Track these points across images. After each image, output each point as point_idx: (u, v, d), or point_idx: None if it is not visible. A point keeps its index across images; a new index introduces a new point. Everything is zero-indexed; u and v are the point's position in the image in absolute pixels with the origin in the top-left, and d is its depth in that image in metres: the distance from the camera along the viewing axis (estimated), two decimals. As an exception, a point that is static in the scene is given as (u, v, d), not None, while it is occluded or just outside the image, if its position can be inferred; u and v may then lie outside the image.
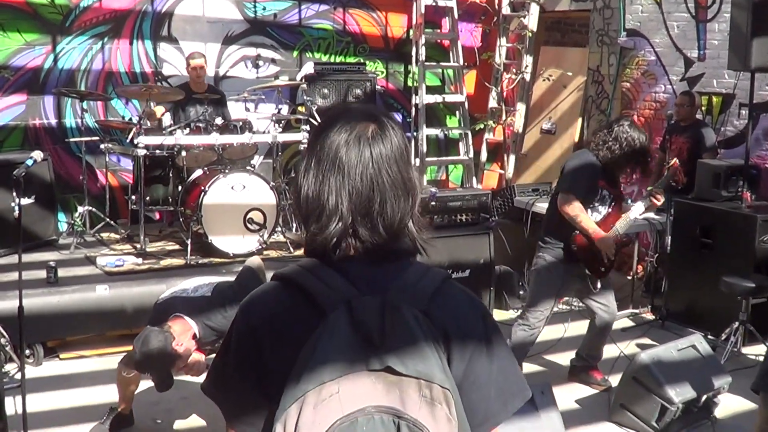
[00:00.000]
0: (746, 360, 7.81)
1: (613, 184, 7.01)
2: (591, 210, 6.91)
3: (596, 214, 6.92)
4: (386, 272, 2.06)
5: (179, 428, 6.53)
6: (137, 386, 6.34)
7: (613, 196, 6.98)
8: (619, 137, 6.74)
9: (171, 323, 5.42)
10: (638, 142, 6.72)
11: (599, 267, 7.01)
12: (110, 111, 10.61)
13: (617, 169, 6.92)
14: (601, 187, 6.90)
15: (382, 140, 2.07)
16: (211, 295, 5.72)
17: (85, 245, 9.21)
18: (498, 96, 12.81)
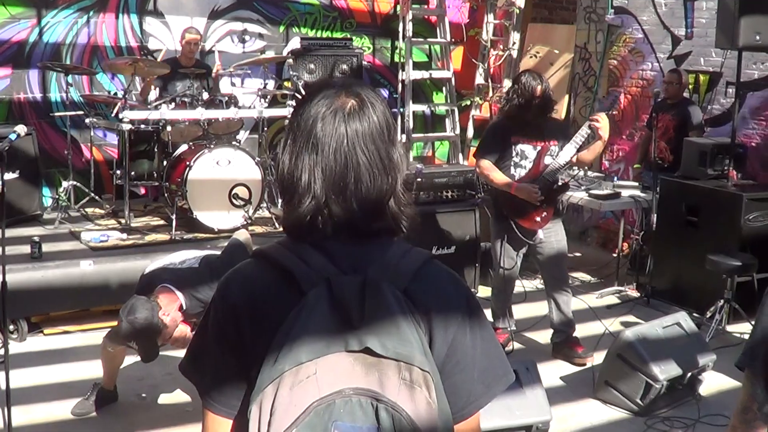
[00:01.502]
0: (731, 338, 7.83)
1: (535, 136, 6.99)
2: (514, 167, 6.98)
3: (521, 170, 6.99)
4: (367, 251, 2.03)
5: (164, 403, 6.52)
6: (122, 362, 6.34)
7: (539, 149, 7.00)
8: (518, 89, 6.87)
9: (158, 294, 5.41)
10: (537, 88, 6.77)
11: (534, 216, 7.04)
12: (95, 85, 10.55)
13: (528, 119, 6.91)
14: (516, 142, 6.96)
15: (359, 117, 2.02)
16: (198, 267, 5.71)
17: (69, 220, 9.16)
18: (485, 72, 12.76)
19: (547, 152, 6.99)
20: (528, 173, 6.97)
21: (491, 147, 7.09)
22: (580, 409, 6.59)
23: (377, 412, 1.84)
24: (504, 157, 7.00)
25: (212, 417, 2.06)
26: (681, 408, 6.54)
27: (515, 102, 6.91)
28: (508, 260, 7.27)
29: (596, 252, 11.03)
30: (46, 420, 6.15)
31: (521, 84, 6.92)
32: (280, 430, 1.82)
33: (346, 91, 2.06)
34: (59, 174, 10.04)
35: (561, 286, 7.26)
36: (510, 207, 7.01)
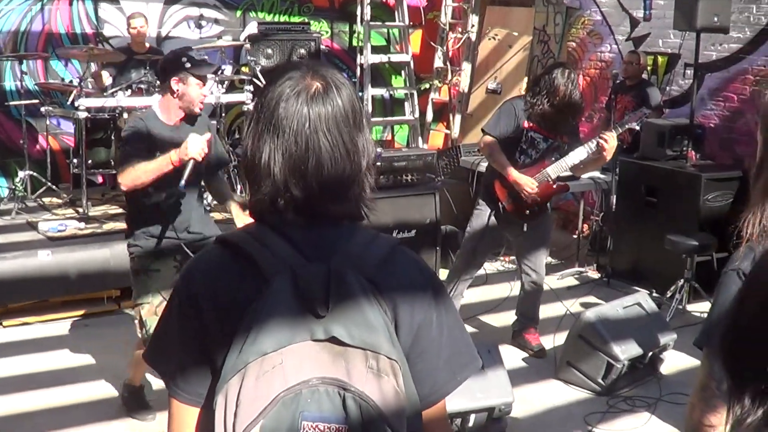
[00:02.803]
0: (691, 317, 7.88)
1: (550, 130, 6.84)
2: (520, 153, 6.83)
3: (525, 157, 6.84)
4: (332, 238, 2.01)
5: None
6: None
7: (550, 142, 6.86)
8: (546, 83, 6.72)
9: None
10: (560, 89, 6.65)
11: (523, 210, 6.93)
12: (50, 73, 10.45)
13: (548, 115, 6.73)
14: (529, 129, 6.81)
15: (323, 100, 1.99)
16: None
17: (26, 210, 9.08)
18: (444, 56, 12.76)
19: (557, 149, 6.90)
20: (533, 164, 6.83)
21: (500, 128, 6.85)
22: (542, 390, 6.61)
23: (344, 402, 1.83)
24: (510, 141, 6.82)
25: (178, 405, 2.04)
26: (642, 387, 6.59)
27: (541, 96, 6.76)
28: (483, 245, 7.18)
29: (556, 233, 11.01)
30: (6, 412, 6.08)
31: (550, 79, 6.72)
32: (246, 422, 1.80)
33: (312, 73, 2.03)
34: (15, 164, 9.95)
35: (535, 280, 7.21)
36: (503, 191, 6.89)
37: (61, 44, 10.37)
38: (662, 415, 6.16)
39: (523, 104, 6.81)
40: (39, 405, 6.20)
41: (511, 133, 6.81)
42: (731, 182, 8.38)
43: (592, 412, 6.18)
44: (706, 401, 2.51)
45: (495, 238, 7.27)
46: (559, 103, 6.67)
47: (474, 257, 7.21)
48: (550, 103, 6.65)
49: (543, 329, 7.38)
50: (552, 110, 6.67)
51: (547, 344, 7.20)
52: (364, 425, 1.83)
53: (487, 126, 6.98)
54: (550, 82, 6.69)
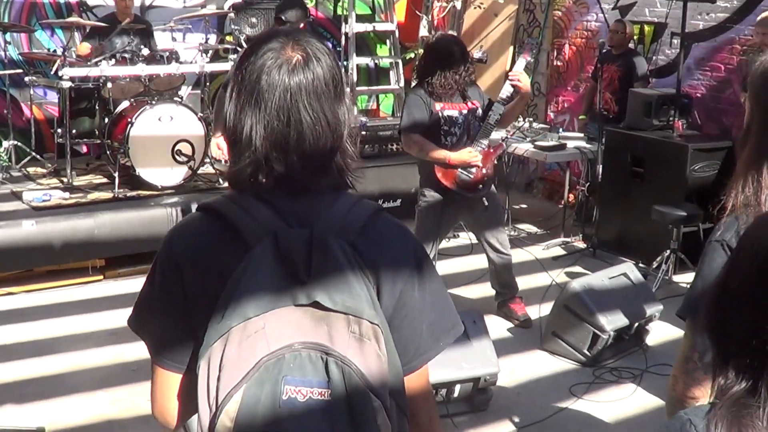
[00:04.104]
0: (677, 288, 7.88)
1: (459, 100, 6.74)
2: (445, 135, 6.67)
3: (451, 137, 6.70)
4: (314, 204, 2.01)
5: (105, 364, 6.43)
6: None
7: (465, 113, 6.74)
8: (435, 56, 6.71)
9: None
10: (435, 41, 6.59)
11: (476, 185, 6.78)
12: (34, 43, 10.39)
13: (439, 80, 6.61)
14: (441, 110, 6.66)
15: (304, 72, 1.99)
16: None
17: (10, 180, 9.04)
18: (429, 24, 12.70)
19: (474, 115, 6.80)
20: (461, 140, 6.70)
21: (414, 122, 6.69)
22: (527, 360, 6.61)
23: (327, 366, 1.83)
24: (431, 130, 6.67)
25: (161, 372, 2.06)
26: (628, 358, 6.59)
27: (423, 63, 6.78)
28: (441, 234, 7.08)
29: (542, 203, 11.06)
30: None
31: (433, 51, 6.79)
32: (229, 386, 1.81)
33: (293, 43, 2.02)
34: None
35: (502, 251, 7.16)
36: (449, 175, 6.70)
37: (44, 14, 10.31)
38: (648, 386, 6.16)
39: (423, 90, 6.70)
40: (23, 375, 6.19)
41: (428, 122, 6.65)
42: (718, 152, 8.35)
43: (577, 383, 6.19)
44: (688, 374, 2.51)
45: (449, 223, 7.15)
46: (437, 53, 6.72)
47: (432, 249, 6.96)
48: (448, 70, 6.59)
49: (528, 299, 7.37)
50: (452, 76, 6.61)
51: (532, 314, 7.20)
52: (346, 389, 1.83)
53: (403, 126, 6.77)
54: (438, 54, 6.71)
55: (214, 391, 1.82)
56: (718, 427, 1.50)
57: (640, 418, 5.79)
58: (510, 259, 7.19)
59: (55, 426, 5.49)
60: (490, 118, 6.64)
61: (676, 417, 1.63)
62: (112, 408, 5.76)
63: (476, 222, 7.11)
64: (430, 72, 6.66)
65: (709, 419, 1.53)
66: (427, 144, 6.60)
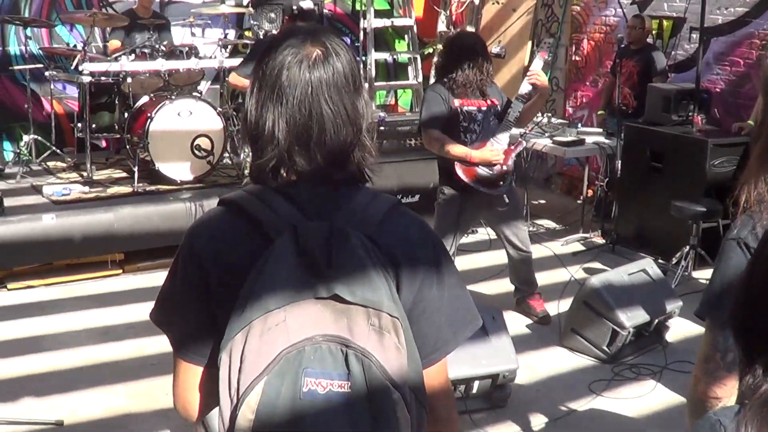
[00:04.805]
0: (697, 284, 7.84)
1: (478, 96, 6.71)
2: (464, 132, 6.65)
3: (471, 135, 6.67)
4: (334, 198, 2.03)
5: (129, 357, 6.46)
6: None
7: (485, 109, 6.72)
8: (455, 52, 6.67)
9: None
10: (454, 37, 6.55)
11: (497, 182, 6.73)
12: (55, 38, 10.44)
13: (459, 77, 6.61)
14: (461, 106, 6.64)
15: (324, 67, 2.01)
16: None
17: (31, 174, 9.09)
18: (447, 20, 12.70)
19: (493, 112, 6.75)
20: (481, 137, 6.66)
21: (434, 118, 6.67)
22: (546, 357, 6.60)
23: (347, 358, 1.84)
24: (451, 126, 6.65)
25: (183, 365, 2.08)
26: (648, 355, 6.57)
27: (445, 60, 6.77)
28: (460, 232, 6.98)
29: (561, 199, 11.05)
30: (9, 375, 6.10)
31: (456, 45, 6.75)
32: (250, 378, 1.82)
33: (312, 39, 2.05)
34: (20, 128, 9.96)
35: (522, 248, 7.14)
36: (470, 171, 6.65)
37: (65, 8, 10.35)
38: (668, 383, 6.13)
39: (443, 86, 6.69)
40: (42, 368, 6.22)
41: (447, 118, 6.64)
42: (737, 148, 8.29)
43: (597, 380, 6.17)
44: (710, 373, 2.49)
45: (469, 221, 7.12)
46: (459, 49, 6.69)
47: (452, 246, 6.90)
48: (468, 67, 6.58)
49: (547, 296, 7.36)
50: (472, 73, 6.59)
51: (551, 311, 7.18)
52: (366, 382, 1.84)
53: (422, 122, 6.75)
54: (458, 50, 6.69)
55: (236, 383, 1.83)
56: (748, 428, 1.49)
57: (660, 415, 5.77)
58: (530, 255, 7.16)
59: (73, 419, 5.51)
60: (509, 116, 6.62)
61: (705, 418, 1.63)
62: (130, 402, 5.78)
63: (496, 218, 7.07)
64: (450, 68, 6.65)
65: (738, 420, 1.51)
66: (447, 140, 6.56)
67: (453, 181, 6.71)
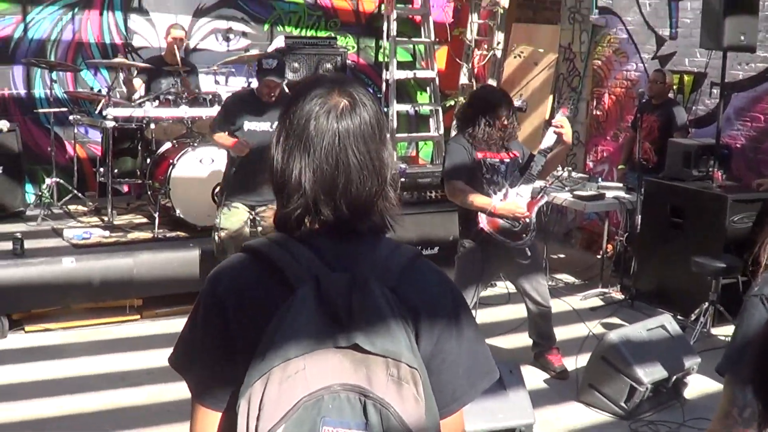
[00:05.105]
0: (716, 341, 7.81)
1: (500, 149, 6.72)
2: (487, 184, 6.63)
3: (494, 186, 6.65)
4: (356, 248, 2.03)
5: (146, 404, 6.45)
6: None
7: (507, 162, 6.73)
8: (469, 99, 6.69)
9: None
10: (479, 90, 6.53)
11: (520, 235, 6.71)
12: (79, 82, 10.52)
13: (481, 129, 6.63)
14: (484, 158, 6.65)
15: (351, 117, 2.03)
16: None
17: (52, 217, 9.14)
18: (469, 72, 12.76)
19: (516, 165, 6.76)
20: (504, 190, 6.65)
21: (457, 169, 6.68)
22: (563, 412, 6.56)
23: (365, 408, 1.84)
24: (474, 178, 6.66)
25: (202, 410, 2.06)
26: (666, 411, 6.52)
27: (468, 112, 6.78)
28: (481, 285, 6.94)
29: (580, 254, 11.03)
30: (26, 417, 6.10)
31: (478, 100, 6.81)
32: (269, 426, 1.82)
33: (338, 89, 2.06)
34: (42, 171, 10.01)
35: (541, 303, 7.12)
36: (494, 223, 6.63)
37: (90, 53, 10.45)
38: (685, 440, 6.11)
39: (465, 138, 6.70)
40: (59, 411, 6.22)
41: (470, 170, 6.64)
42: (757, 203, 8.30)
43: (614, 435, 6.14)
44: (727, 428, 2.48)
45: (490, 274, 7.06)
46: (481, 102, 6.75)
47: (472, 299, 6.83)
48: (488, 122, 6.60)
49: (565, 350, 7.33)
50: (495, 126, 6.61)
51: (569, 366, 7.16)
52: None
53: (446, 173, 6.73)
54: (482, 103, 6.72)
55: (254, 430, 1.83)
56: None
57: (676, 471, 5.74)
58: (549, 310, 7.13)
59: (90, 464, 5.51)
60: (532, 168, 6.62)
61: None
62: (146, 447, 5.78)
63: (516, 272, 7.04)
64: (473, 121, 6.66)
65: None
66: (470, 191, 6.57)
67: (474, 233, 6.69)
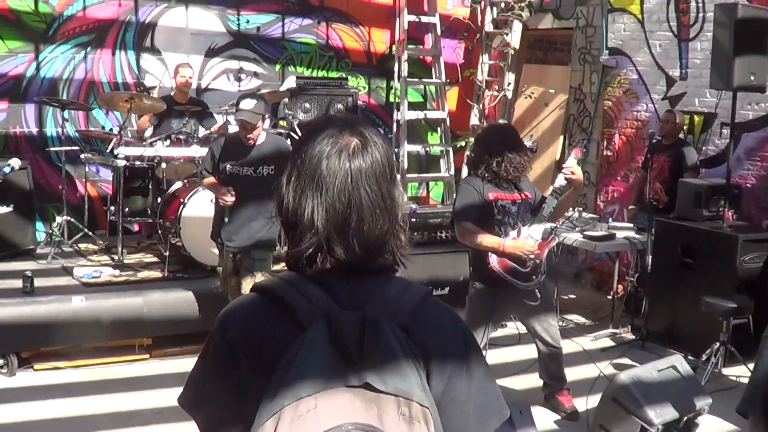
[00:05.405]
0: (727, 381, 7.76)
1: (512, 190, 6.67)
2: (498, 225, 6.57)
3: (505, 227, 6.60)
4: (367, 287, 2.03)
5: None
6: None
7: (519, 203, 6.67)
8: (486, 146, 6.65)
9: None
10: (490, 129, 6.49)
11: (531, 276, 6.65)
12: (91, 121, 10.59)
13: (494, 169, 6.56)
14: (495, 199, 6.59)
15: (363, 156, 2.04)
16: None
17: (62, 255, 9.16)
18: (480, 113, 12.81)
19: (527, 206, 6.71)
20: (515, 231, 6.60)
21: (467, 210, 6.60)
22: (574, 452, 6.53)
23: (376, 448, 1.84)
24: (485, 219, 6.59)
25: None
26: (676, 452, 6.48)
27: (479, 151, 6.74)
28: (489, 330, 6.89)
29: (591, 294, 11.00)
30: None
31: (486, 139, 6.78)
32: None
33: (350, 129, 2.07)
34: (53, 209, 10.05)
35: (552, 344, 7.09)
36: (504, 264, 6.56)
37: (102, 93, 10.51)
38: (696, 481, 6.07)
39: (476, 179, 6.64)
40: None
41: (481, 210, 6.58)
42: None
43: (624, 476, 6.09)
44: None
45: (500, 315, 7.05)
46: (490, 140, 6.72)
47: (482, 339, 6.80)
48: (499, 162, 6.53)
49: (576, 391, 7.29)
50: (506, 165, 6.54)
51: (579, 406, 7.12)
52: None
53: (456, 213, 6.66)
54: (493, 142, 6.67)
55: None
56: None
57: None
58: (560, 351, 7.10)
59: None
60: (543, 210, 6.59)
61: None
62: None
63: (527, 313, 7.00)
64: (484, 160, 6.62)
65: None
66: (480, 232, 6.50)
67: (485, 274, 6.64)
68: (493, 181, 6.57)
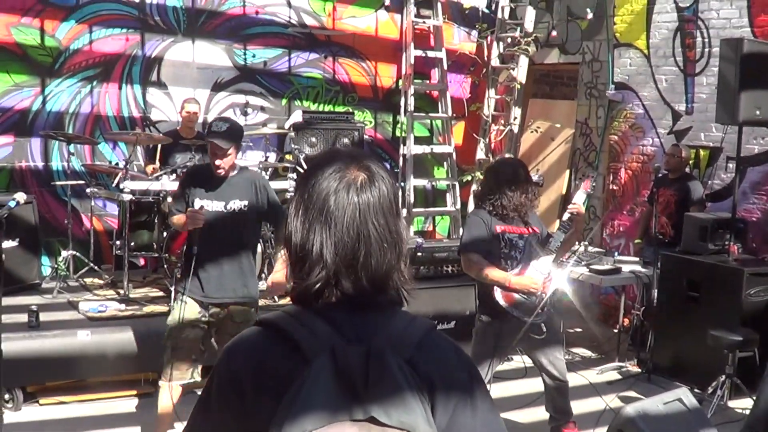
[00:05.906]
0: (733, 414, 7.75)
1: (520, 224, 6.65)
2: (504, 259, 6.55)
3: (512, 261, 6.57)
4: (372, 321, 2.04)
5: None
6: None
7: (526, 237, 6.64)
8: (495, 179, 6.64)
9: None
10: (498, 163, 6.50)
11: (534, 309, 6.52)
12: (97, 155, 10.60)
13: (502, 203, 6.54)
14: (502, 232, 6.57)
15: (370, 190, 2.05)
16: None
17: (68, 290, 9.14)
18: (486, 147, 12.82)
19: (534, 240, 6.69)
20: (521, 265, 6.57)
21: (473, 242, 6.60)
22: (581, 486, 6.50)
23: (381, 481, 1.83)
24: (492, 253, 6.57)
25: None
26: (683, 486, 6.45)
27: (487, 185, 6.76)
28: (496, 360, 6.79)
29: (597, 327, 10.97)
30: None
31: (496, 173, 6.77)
32: None
33: (356, 164, 2.09)
34: (59, 243, 10.05)
35: (558, 378, 7.06)
36: (509, 297, 6.52)
37: (108, 127, 10.54)
38: None
39: (485, 212, 6.63)
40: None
41: (488, 243, 6.57)
42: (775, 277, 8.31)
43: None
44: None
45: (506, 349, 6.91)
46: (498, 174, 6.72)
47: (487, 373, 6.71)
48: (510, 193, 6.52)
49: (582, 424, 7.26)
50: (514, 199, 6.52)
51: (586, 439, 7.11)
52: None
53: (463, 245, 6.66)
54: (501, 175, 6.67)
55: None
56: None
57: None
58: (566, 385, 7.07)
59: None
60: (551, 244, 6.59)
61: None
62: None
63: (533, 347, 6.96)
64: (492, 193, 6.62)
65: None
66: (486, 265, 6.48)
67: (491, 308, 6.61)
68: (501, 215, 6.57)
